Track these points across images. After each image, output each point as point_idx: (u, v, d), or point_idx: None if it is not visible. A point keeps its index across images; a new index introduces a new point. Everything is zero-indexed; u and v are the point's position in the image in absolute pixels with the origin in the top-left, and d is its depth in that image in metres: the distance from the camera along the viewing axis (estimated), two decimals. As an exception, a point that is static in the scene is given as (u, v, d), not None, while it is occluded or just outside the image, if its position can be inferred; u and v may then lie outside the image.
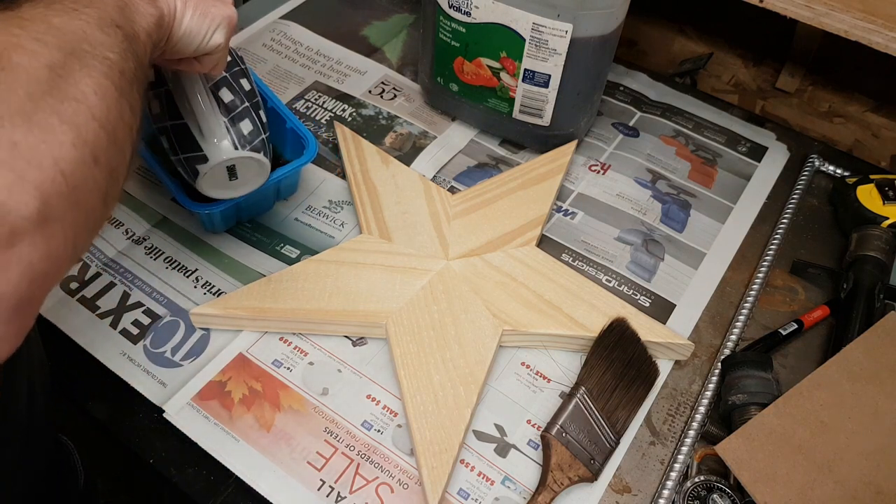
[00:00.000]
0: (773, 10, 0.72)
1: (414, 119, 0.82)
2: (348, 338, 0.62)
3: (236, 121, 0.56)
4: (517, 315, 0.62)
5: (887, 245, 0.67)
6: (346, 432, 0.56)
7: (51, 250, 0.30)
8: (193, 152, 0.55)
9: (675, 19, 0.95)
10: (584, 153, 0.79)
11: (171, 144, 0.57)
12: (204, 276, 0.66)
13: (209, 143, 0.55)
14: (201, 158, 0.55)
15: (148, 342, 0.61)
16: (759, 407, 0.56)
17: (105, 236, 0.68)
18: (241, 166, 0.57)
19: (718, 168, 0.80)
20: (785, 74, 0.90)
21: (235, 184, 0.59)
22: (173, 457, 0.55)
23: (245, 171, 0.58)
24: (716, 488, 0.54)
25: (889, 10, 0.68)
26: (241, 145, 0.55)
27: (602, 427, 0.56)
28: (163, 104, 0.57)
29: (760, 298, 0.68)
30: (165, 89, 0.57)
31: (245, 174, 0.58)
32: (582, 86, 0.71)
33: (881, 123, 0.88)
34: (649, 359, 0.60)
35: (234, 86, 0.57)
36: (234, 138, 0.55)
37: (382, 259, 0.65)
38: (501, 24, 0.67)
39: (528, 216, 0.70)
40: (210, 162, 0.55)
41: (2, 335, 0.30)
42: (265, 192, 0.68)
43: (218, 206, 0.62)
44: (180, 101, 0.56)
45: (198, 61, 0.49)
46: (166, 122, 0.57)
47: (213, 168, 0.55)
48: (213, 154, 0.55)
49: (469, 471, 0.55)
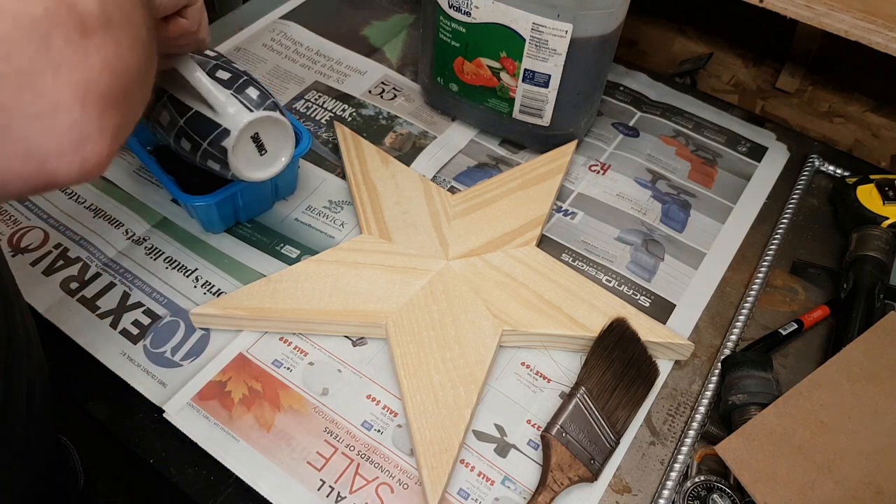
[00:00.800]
0: (773, 10, 0.72)
1: (414, 119, 0.82)
2: (348, 338, 0.62)
3: (242, 89, 0.57)
4: (517, 315, 0.62)
5: (887, 245, 0.67)
6: (346, 432, 0.56)
7: (120, 54, 0.31)
8: (214, 131, 0.56)
9: (675, 19, 0.95)
10: (584, 153, 0.79)
11: (192, 139, 0.58)
12: (204, 276, 0.66)
13: (224, 115, 0.56)
14: (223, 133, 0.56)
15: (148, 342, 0.61)
16: (759, 407, 0.56)
17: (105, 236, 0.68)
18: (265, 134, 0.58)
19: (718, 168, 0.80)
20: (785, 74, 0.90)
21: (267, 158, 0.59)
22: (173, 457, 0.55)
23: (271, 141, 0.59)
24: (716, 488, 0.54)
25: (889, 10, 0.68)
26: (255, 107, 0.57)
27: (602, 427, 0.56)
28: (170, 110, 0.58)
29: (760, 298, 0.68)
30: (168, 95, 0.58)
31: (272, 144, 0.59)
32: (582, 86, 0.71)
33: (881, 123, 0.88)
34: (649, 359, 0.60)
35: (226, 67, 0.59)
36: (245, 104, 0.56)
37: (382, 259, 0.65)
38: (501, 24, 0.67)
39: (528, 216, 0.70)
40: (232, 132, 0.56)
41: (98, 128, 0.31)
42: (263, 191, 0.68)
43: (214, 198, 0.62)
44: (183, 94, 0.57)
45: (184, 17, 0.49)
46: (179, 123, 0.58)
47: (238, 138, 0.56)
48: (232, 122, 0.56)
49: (469, 471, 0.55)
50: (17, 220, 0.68)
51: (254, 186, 0.61)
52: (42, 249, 0.66)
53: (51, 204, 0.70)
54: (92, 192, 0.71)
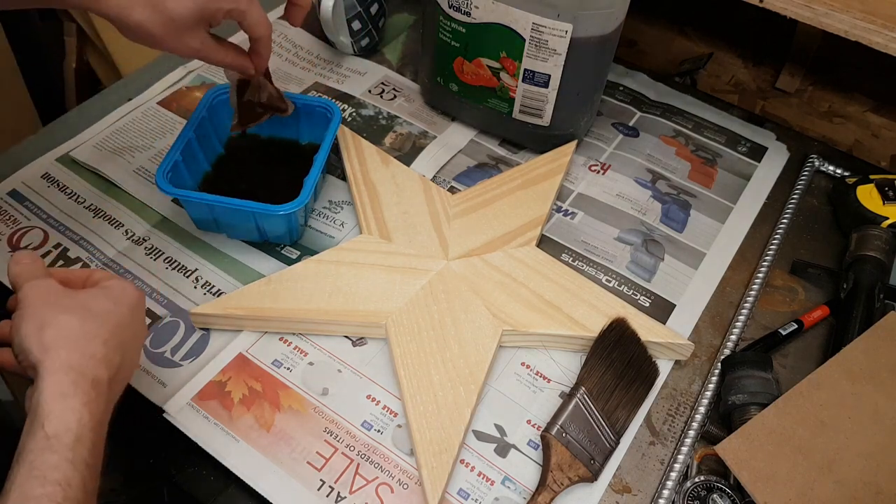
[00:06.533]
0: (773, 10, 0.72)
1: (414, 119, 0.82)
2: (348, 338, 0.62)
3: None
4: (517, 315, 0.62)
5: (887, 245, 0.67)
6: (346, 432, 0.56)
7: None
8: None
9: (675, 19, 0.95)
10: (584, 153, 0.79)
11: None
12: (204, 276, 0.66)
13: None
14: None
15: (148, 342, 0.61)
16: (759, 407, 0.56)
17: (105, 236, 0.68)
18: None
19: (718, 168, 0.80)
20: (785, 74, 0.90)
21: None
22: (173, 457, 0.55)
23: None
24: (716, 488, 0.54)
25: (889, 10, 0.68)
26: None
27: (602, 427, 0.56)
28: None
29: (760, 298, 0.68)
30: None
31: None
32: (582, 86, 0.71)
33: (881, 123, 0.88)
34: (649, 359, 0.60)
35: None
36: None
37: (382, 259, 0.65)
38: (501, 24, 0.67)
39: (528, 216, 0.70)
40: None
41: None
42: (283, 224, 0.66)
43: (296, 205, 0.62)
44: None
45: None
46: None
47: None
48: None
49: (469, 471, 0.55)
50: (17, 220, 0.68)
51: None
52: (42, 249, 0.66)
53: (51, 204, 0.70)
54: (92, 192, 0.71)
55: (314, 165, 0.65)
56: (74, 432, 0.39)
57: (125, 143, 0.76)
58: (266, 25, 0.58)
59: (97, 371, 0.41)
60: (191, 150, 0.66)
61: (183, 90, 0.82)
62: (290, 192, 0.62)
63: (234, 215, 0.64)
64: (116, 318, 0.44)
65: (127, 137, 0.76)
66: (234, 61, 0.60)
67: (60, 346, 0.41)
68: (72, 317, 0.42)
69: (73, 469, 0.38)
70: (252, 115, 0.68)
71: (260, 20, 0.58)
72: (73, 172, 0.73)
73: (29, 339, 0.41)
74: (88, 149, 0.75)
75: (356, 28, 0.85)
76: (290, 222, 0.65)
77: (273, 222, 0.65)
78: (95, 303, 0.44)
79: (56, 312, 0.42)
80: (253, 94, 0.67)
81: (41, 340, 0.41)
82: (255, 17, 0.57)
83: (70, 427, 0.39)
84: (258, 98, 0.67)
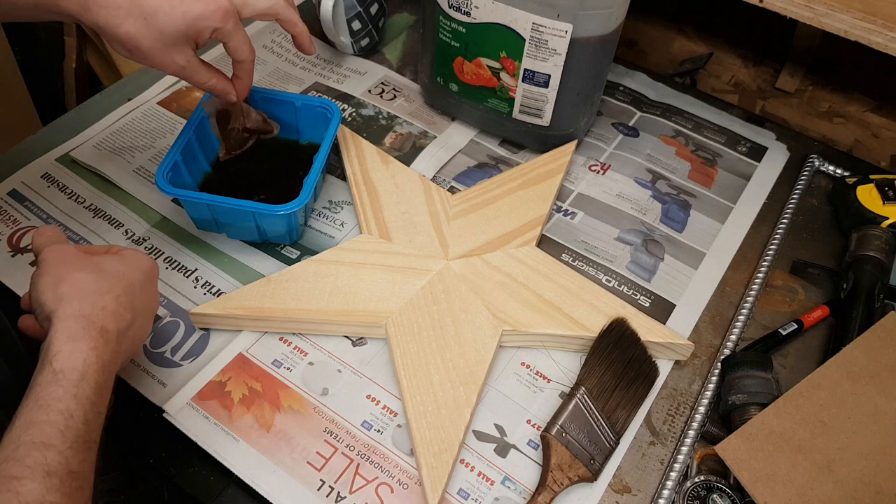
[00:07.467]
0: (773, 10, 0.72)
1: (414, 119, 0.82)
2: (348, 338, 0.62)
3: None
4: (517, 315, 0.62)
5: (887, 245, 0.67)
6: (345, 432, 0.56)
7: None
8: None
9: (675, 19, 0.95)
10: (584, 153, 0.79)
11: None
12: (204, 276, 0.66)
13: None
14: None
15: (148, 342, 0.61)
16: (759, 407, 0.56)
17: (105, 236, 0.68)
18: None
19: (718, 168, 0.80)
20: (785, 74, 0.90)
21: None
22: (173, 457, 0.55)
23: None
24: (716, 488, 0.54)
25: (889, 10, 0.68)
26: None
27: (602, 427, 0.56)
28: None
29: (760, 298, 0.68)
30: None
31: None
32: (582, 86, 0.71)
33: (881, 123, 0.88)
34: (649, 359, 0.60)
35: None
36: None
37: (382, 259, 0.65)
38: (501, 24, 0.67)
39: (528, 216, 0.70)
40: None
41: None
42: (281, 223, 0.66)
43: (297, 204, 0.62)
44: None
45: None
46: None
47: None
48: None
49: (469, 471, 0.55)
50: (17, 220, 0.68)
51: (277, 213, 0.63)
52: (42, 249, 0.66)
53: (51, 204, 0.70)
54: (92, 192, 0.71)
55: (314, 165, 0.65)
56: (80, 371, 0.42)
57: (125, 143, 0.76)
58: (250, 50, 0.60)
59: (106, 322, 0.45)
60: (191, 150, 0.66)
61: (183, 90, 0.82)
62: (290, 192, 0.62)
63: (233, 215, 0.64)
64: (129, 279, 0.48)
65: (127, 137, 0.76)
66: (217, 84, 0.60)
67: (73, 298, 0.44)
68: (86, 274, 0.46)
69: (76, 403, 0.41)
70: (239, 141, 0.69)
71: (244, 44, 0.59)
72: (73, 172, 0.73)
73: (45, 293, 0.45)
74: (88, 149, 0.75)
75: (356, 28, 0.85)
76: (290, 222, 0.65)
77: (273, 222, 0.65)
78: (109, 264, 0.48)
79: (71, 270, 0.46)
80: (236, 121, 0.67)
81: (56, 293, 0.44)
82: (239, 40, 0.58)
83: (76, 366, 0.42)
84: (243, 124, 0.68)
